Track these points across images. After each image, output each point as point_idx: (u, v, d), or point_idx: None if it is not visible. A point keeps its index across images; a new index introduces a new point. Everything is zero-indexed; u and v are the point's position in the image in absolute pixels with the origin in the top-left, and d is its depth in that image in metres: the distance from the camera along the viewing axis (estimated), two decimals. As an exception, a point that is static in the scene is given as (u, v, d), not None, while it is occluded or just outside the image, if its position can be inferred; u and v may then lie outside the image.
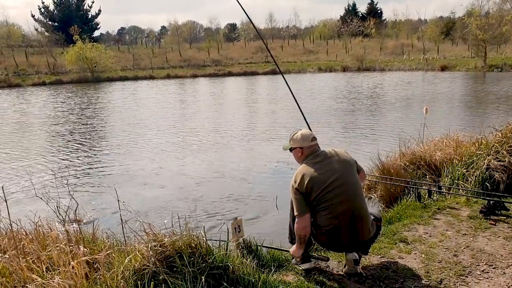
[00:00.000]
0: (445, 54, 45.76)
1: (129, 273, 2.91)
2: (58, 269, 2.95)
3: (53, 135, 13.51)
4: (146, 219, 3.37)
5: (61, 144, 12.02)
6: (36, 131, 14.31)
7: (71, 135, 13.36)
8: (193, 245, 3.10)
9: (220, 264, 3.11)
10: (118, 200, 3.50)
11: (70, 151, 11.05)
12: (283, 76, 5.02)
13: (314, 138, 3.57)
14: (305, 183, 3.33)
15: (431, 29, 55.42)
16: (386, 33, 61.96)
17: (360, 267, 3.52)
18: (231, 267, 3.13)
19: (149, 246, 3.01)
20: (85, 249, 3.01)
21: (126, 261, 2.96)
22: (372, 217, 3.51)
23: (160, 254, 2.99)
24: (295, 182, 3.39)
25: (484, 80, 28.22)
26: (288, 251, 3.67)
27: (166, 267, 2.94)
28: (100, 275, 2.97)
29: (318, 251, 4.04)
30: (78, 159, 10.15)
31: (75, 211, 3.41)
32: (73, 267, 2.84)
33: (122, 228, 3.47)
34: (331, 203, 3.29)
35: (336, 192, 3.29)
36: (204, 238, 3.18)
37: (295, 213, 3.38)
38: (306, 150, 3.53)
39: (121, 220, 3.58)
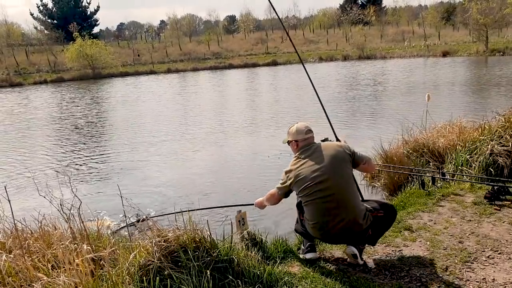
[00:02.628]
0: (446, 40, 45.45)
1: (134, 269, 2.92)
2: (64, 267, 2.96)
3: (56, 133, 13.53)
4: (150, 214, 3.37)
5: (65, 141, 12.04)
6: (39, 129, 14.32)
7: (74, 132, 13.38)
8: (197, 240, 3.11)
9: (225, 258, 3.11)
10: (122, 197, 3.50)
11: (73, 148, 11.07)
12: (304, 68, 5.16)
13: (309, 131, 3.59)
14: (292, 178, 3.46)
15: (431, 15, 55.07)
16: (386, 20, 61.54)
17: (362, 259, 3.52)
18: (236, 260, 3.14)
19: (154, 241, 3.01)
20: (89, 247, 3.01)
21: (131, 257, 2.97)
22: (369, 208, 3.45)
23: (165, 249, 2.99)
24: (285, 171, 3.56)
25: (486, 64, 28.03)
26: (298, 251, 3.77)
27: (171, 262, 2.95)
28: (106, 271, 2.98)
29: (321, 244, 4.04)
30: (82, 156, 10.17)
31: (79, 208, 3.41)
32: (78, 265, 2.85)
33: (126, 224, 3.48)
34: (315, 198, 3.33)
35: (319, 187, 3.31)
36: (208, 232, 3.19)
37: (277, 187, 3.59)
38: (301, 143, 3.58)
39: (125, 216, 3.60)
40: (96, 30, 63.19)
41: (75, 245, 3.13)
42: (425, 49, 40.31)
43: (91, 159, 9.87)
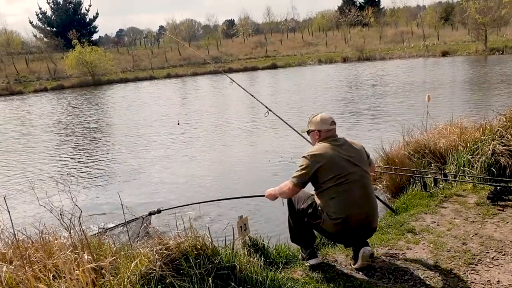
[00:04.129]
0: (445, 40, 45.45)
1: (136, 277, 2.90)
2: (65, 277, 2.94)
3: (56, 141, 13.53)
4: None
5: (65, 149, 12.04)
6: (39, 137, 14.32)
7: (74, 140, 13.37)
8: (199, 247, 3.08)
9: (227, 264, 3.09)
10: (122, 205, 3.48)
11: (72, 156, 11.07)
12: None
13: (333, 122, 3.49)
14: (320, 163, 3.25)
15: (430, 15, 55.12)
16: (385, 21, 61.48)
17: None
18: (238, 267, 3.10)
19: (155, 249, 2.99)
20: (90, 256, 2.99)
21: (132, 265, 2.95)
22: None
23: (166, 257, 2.97)
24: (309, 155, 3.30)
25: (485, 63, 28.02)
26: (299, 257, 3.70)
27: (172, 270, 2.92)
28: (107, 281, 2.95)
29: (326, 245, 4.02)
30: (81, 164, 10.16)
31: (79, 217, 3.39)
32: (78, 275, 2.83)
33: (127, 232, 3.46)
34: (347, 186, 3.23)
35: (353, 178, 3.26)
36: (209, 239, 3.16)
37: (293, 177, 3.32)
38: (324, 134, 3.45)
39: (126, 224, 3.58)
40: (95, 37, 63.34)
41: (76, 254, 3.10)
42: (424, 49, 40.31)
43: (91, 167, 9.86)
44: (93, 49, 39.59)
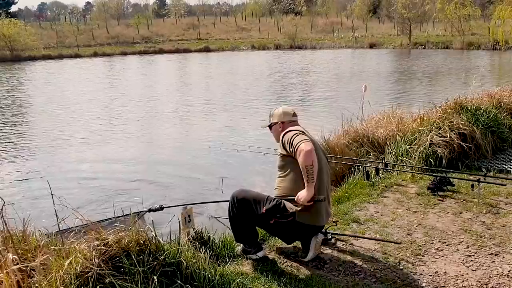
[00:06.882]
0: (373, 32, 47.15)
1: (70, 277, 2.56)
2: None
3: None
4: (84, 214, 2.99)
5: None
6: None
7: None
8: (142, 242, 2.79)
9: (173, 260, 2.83)
10: (52, 194, 3.09)
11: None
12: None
13: (295, 114, 3.41)
14: (310, 139, 3.12)
15: (359, 7, 56.76)
16: (316, 11, 62.61)
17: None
18: (185, 263, 2.86)
19: (92, 245, 2.66)
20: (15, 256, 2.60)
21: (66, 264, 2.60)
22: None
23: (105, 254, 2.65)
24: (297, 133, 3.11)
25: (409, 56, 29.40)
26: (237, 252, 3.49)
27: (112, 268, 2.62)
28: (36, 281, 2.59)
29: (271, 237, 3.86)
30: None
31: (1, 209, 2.97)
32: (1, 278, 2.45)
33: (58, 226, 3.10)
34: (319, 179, 3.14)
35: (323, 172, 3.24)
36: (153, 233, 2.88)
37: (300, 141, 3.00)
38: (287, 125, 3.32)
39: (56, 216, 3.19)
40: (14, 8, 58.65)
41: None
42: (353, 40, 41.60)
43: (10, 152, 9.04)
44: (11, 22, 36.69)
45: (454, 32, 36.83)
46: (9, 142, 9.62)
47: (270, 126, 3.46)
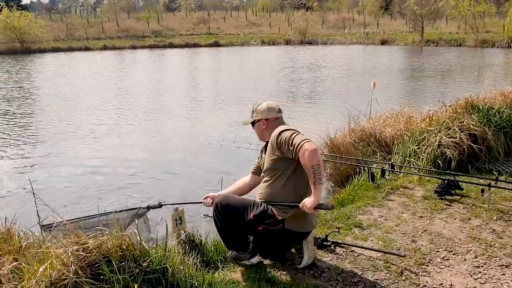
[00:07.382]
0: (384, 29, 46.56)
1: (44, 285, 2.39)
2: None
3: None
4: (67, 215, 2.83)
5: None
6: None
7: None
8: (125, 247, 2.61)
9: (158, 267, 2.65)
10: (34, 194, 2.94)
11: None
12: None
13: (280, 110, 3.21)
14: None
15: (371, 3, 56.09)
16: (327, 6, 61.98)
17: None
18: (171, 270, 2.68)
19: (70, 250, 2.49)
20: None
21: (40, 270, 2.43)
22: None
23: (83, 260, 2.48)
24: (293, 130, 2.96)
25: (421, 54, 28.93)
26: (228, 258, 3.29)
27: (90, 276, 2.44)
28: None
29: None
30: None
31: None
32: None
33: (41, 229, 2.94)
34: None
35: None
36: (138, 238, 2.70)
37: (303, 140, 2.83)
38: (272, 123, 3.13)
39: (38, 216, 3.03)
40: (25, 1, 59.01)
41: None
42: (364, 36, 41.07)
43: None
44: (22, 14, 36.78)
45: (468, 29, 36.18)
46: (14, 134, 9.54)
47: (253, 123, 3.25)
